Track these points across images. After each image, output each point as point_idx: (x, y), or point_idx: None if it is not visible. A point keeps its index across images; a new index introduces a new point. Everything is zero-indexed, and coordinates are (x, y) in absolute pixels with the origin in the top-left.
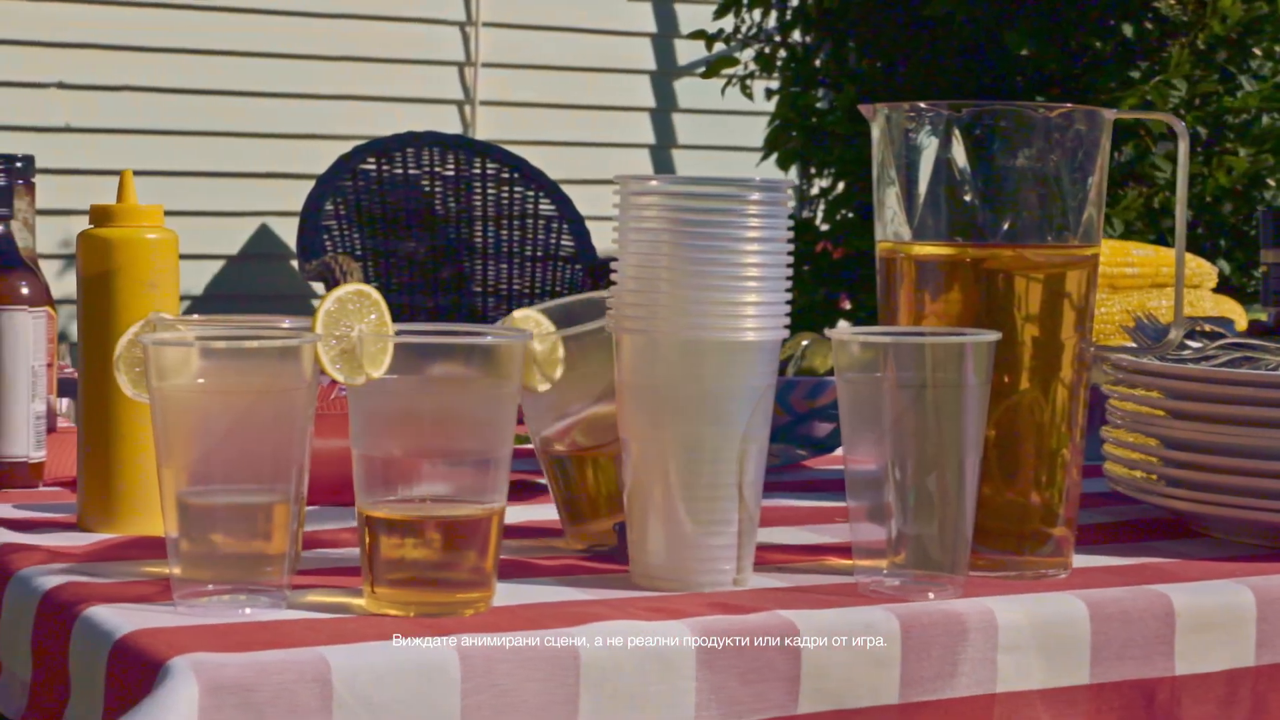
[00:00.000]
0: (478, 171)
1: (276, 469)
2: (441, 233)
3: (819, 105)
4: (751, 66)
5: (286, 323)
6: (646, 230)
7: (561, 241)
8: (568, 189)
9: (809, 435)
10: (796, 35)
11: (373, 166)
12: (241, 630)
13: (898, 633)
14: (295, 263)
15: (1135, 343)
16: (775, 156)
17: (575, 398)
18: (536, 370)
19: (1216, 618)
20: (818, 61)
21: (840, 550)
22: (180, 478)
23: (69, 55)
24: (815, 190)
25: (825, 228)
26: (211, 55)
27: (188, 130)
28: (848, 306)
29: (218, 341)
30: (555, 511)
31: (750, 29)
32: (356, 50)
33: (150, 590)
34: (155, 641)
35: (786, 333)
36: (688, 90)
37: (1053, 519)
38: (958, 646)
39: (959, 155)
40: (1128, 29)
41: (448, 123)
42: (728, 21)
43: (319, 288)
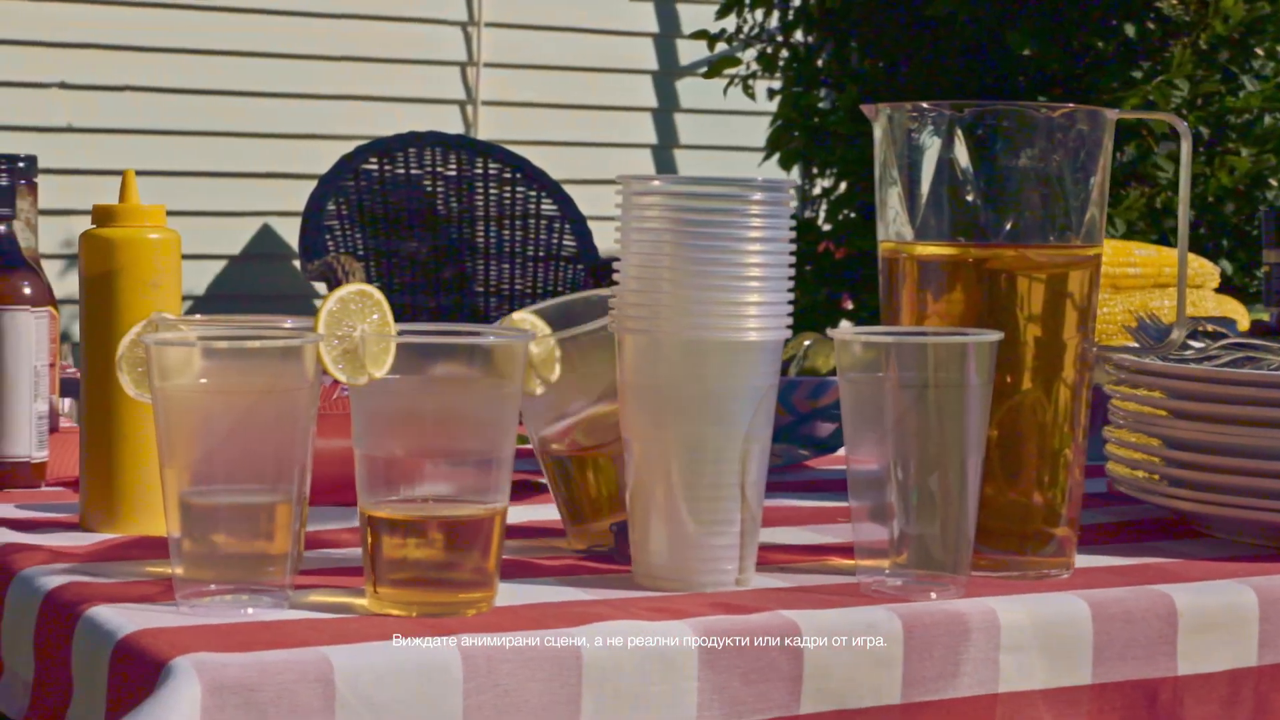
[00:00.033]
0: (480, 171)
1: (279, 469)
2: (444, 233)
3: (821, 105)
4: (754, 66)
5: (289, 323)
6: (649, 230)
7: (564, 241)
8: (570, 189)
9: (811, 435)
10: (799, 35)
11: (375, 166)
12: (244, 630)
13: (900, 633)
14: (297, 263)
15: (1137, 343)
16: (777, 156)
17: (575, 398)
18: (533, 373)
19: (1219, 618)
20: (820, 61)
21: (843, 550)
22: (183, 478)
23: (71, 55)
24: (817, 190)
25: (827, 228)
26: (213, 55)
27: (190, 130)
28: (850, 306)
29: (220, 341)
30: (557, 511)
31: (752, 29)
32: (358, 50)
33: (152, 590)
34: (157, 641)
35: (789, 333)
36: (690, 90)
37: (1055, 519)
38: (960, 646)
39: (961, 155)
40: (1130, 29)
41: (450, 123)
42: (730, 21)
43: (321, 288)
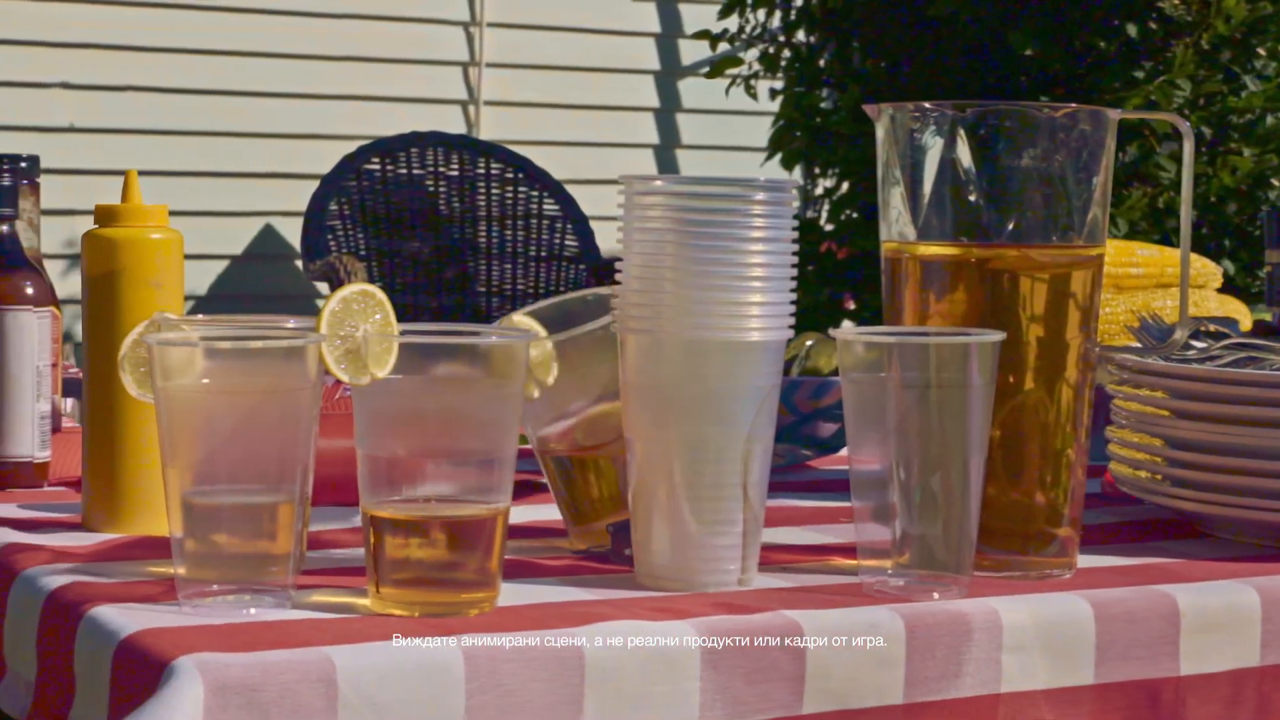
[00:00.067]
0: (482, 171)
1: (281, 469)
2: (446, 233)
3: (823, 105)
4: (756, 66)
5: (291, 323)
6: (651, 230)
7: (566, 241)
8: (572, 189)
9: (813, 435)
10: (801, 35)
11: (377, 166)
12: (246, 630)
13: (902, 633)
14: (300, 263)
15: (1140, 343)
16: (779, 156)
17: (574, 398)
18: (529, 377)
19: (1221, 618)
20: (822, 61)
21: (845, 550)
22: (185, 478)
23: (73, 55)
24: (819, 190)
25: (830, 228)
26: (215, 55)
27: (192, 130)
28: (852, 306)
29: (222, 341)
30: (558, 511)
31: (754, 29)
32: (360, 50)
33: (155, 590)
34: (160, 641)
35: (791, 333)
36: (692, 90)
37: (1057, 519)
38: (962, 647)
39: (964, 155)
40: (1132, 29)
41: (452, 123)
42: (732, 21)
43: (323, 288)
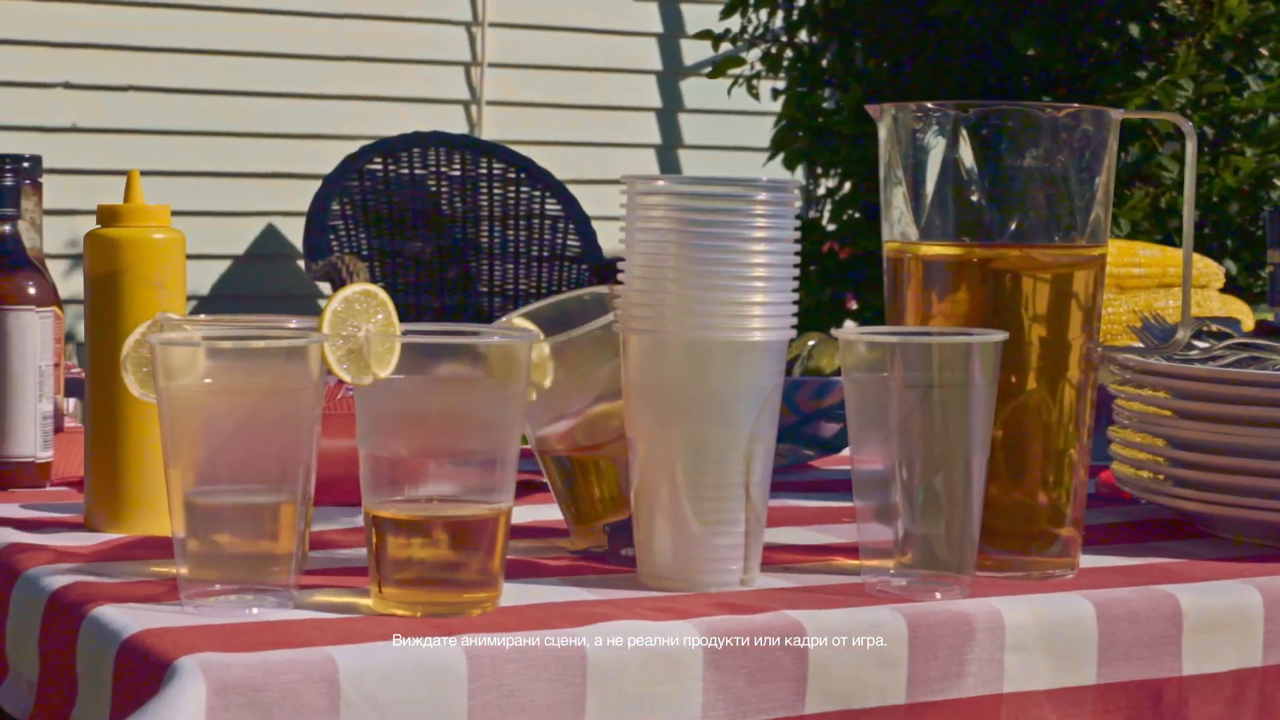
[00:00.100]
0: (484, 171)
1: (283, 469)
2: (448, 233)
3: (825, 105)
4: (758, 66)
5: (293, 323)
6: (653, 230)
7: (568, 241)
8: (574, 189)
9: (816, 435)
10: (803, 35)
11: (379, 166)
12: (248, 630)
13: (905, 633)
14: (301, 263)
15: (1142, 343)
16: (781, 156)
17: (573, 399)
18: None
19: (1223, 618)
20: (824, 61)
21: (847, 550)
22: (187, 478)
23: (75, 55)
24: (822, 190)
25: (832, 228)
26: (217, 55)
27: (194, 130)
28: (854, 306)
29: (224, 341)
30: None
31: (756, 29)
32: (362, 50)
33: (157, 590)
34: (162, 641)
35: (793, 333)
36: (694, 90)
37: (1060, 519)
38: (965, 647)
39: (966, 155)
40: (1134, 29)
41: (454, 123)
42: (734, 21)
43: (325, 288)
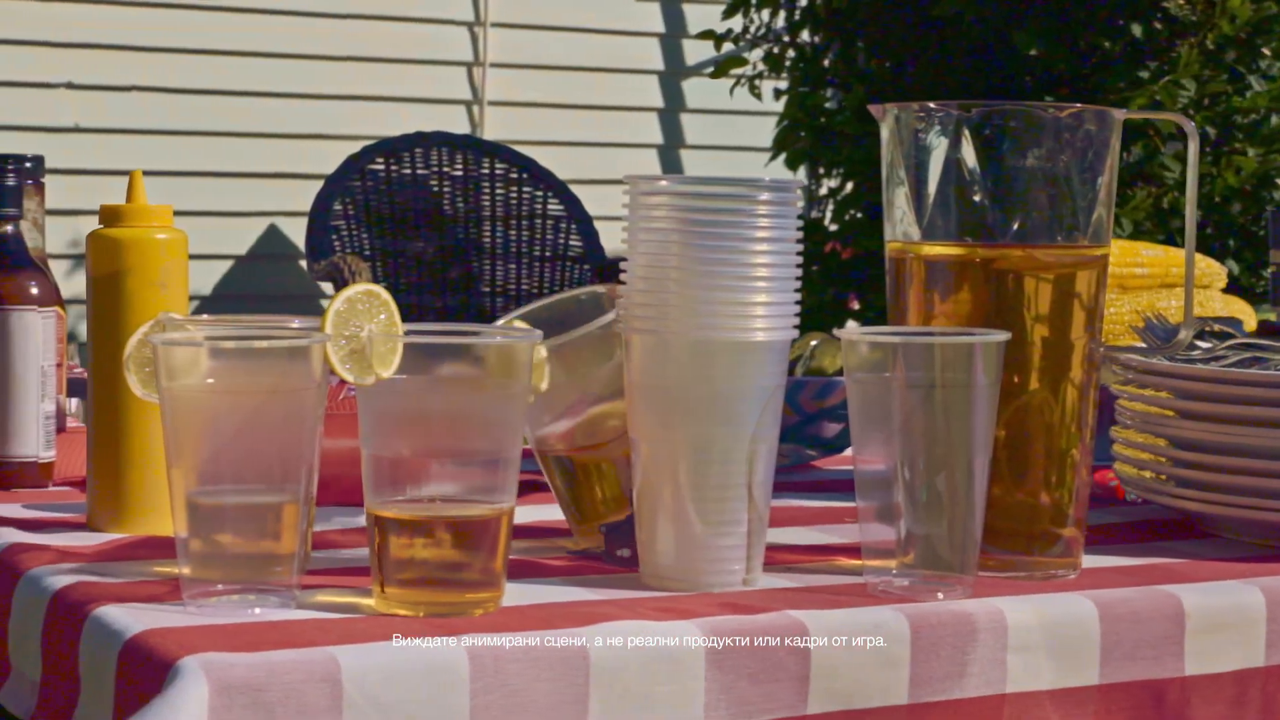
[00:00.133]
0: (486, 171)
1: (286, 469)
2: (450, 233)
3: (828, 105)
4: (760, 66)
5: (296, 323)
6: (656, 230)
7: (570, 241)
8: (576, 189)
9: (818, 435)
10: (805, 35)
11: (381, 167)
12: (251, 630)
13: (907, 633)
14: (304, 263)
15: (1145, 343)
16: (784, 156)
17: (572, 399)
18: None
19: (1226, 618)
20: (826, 61)
21: (849, 550)
22: (190, 478)
23: (77, 55)
24: (824, 190)
25: (834, 228)
26: (219, 55)
27: (196, 130)
28: (856, 306)
29: (227, 341)
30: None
31: (759, 29)
32: (365, 50)
33: (160, 590)
34: (165, 641)
35: (796, 333)
36: (696, 90)
37: (1062, 519)
38: (967, 647)
39: (968, 155)
40: (1137, 29)
41: (456, 123)
42: (736, 21)
43: (328, 288)
